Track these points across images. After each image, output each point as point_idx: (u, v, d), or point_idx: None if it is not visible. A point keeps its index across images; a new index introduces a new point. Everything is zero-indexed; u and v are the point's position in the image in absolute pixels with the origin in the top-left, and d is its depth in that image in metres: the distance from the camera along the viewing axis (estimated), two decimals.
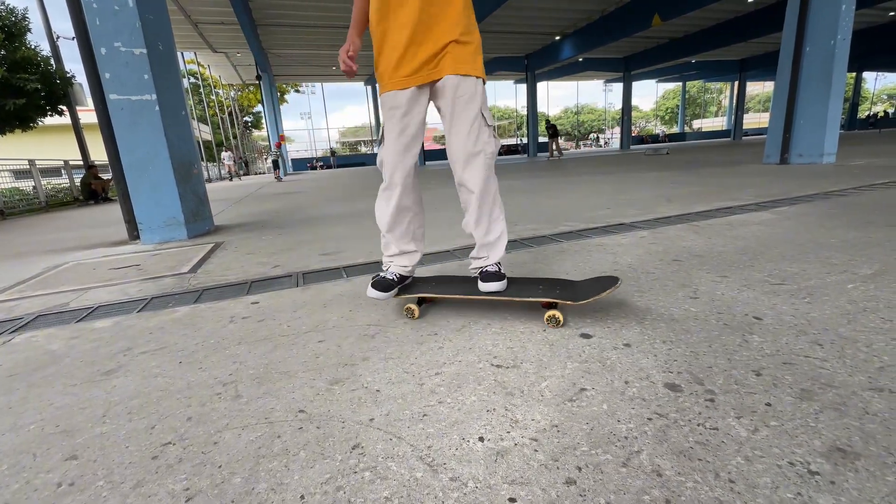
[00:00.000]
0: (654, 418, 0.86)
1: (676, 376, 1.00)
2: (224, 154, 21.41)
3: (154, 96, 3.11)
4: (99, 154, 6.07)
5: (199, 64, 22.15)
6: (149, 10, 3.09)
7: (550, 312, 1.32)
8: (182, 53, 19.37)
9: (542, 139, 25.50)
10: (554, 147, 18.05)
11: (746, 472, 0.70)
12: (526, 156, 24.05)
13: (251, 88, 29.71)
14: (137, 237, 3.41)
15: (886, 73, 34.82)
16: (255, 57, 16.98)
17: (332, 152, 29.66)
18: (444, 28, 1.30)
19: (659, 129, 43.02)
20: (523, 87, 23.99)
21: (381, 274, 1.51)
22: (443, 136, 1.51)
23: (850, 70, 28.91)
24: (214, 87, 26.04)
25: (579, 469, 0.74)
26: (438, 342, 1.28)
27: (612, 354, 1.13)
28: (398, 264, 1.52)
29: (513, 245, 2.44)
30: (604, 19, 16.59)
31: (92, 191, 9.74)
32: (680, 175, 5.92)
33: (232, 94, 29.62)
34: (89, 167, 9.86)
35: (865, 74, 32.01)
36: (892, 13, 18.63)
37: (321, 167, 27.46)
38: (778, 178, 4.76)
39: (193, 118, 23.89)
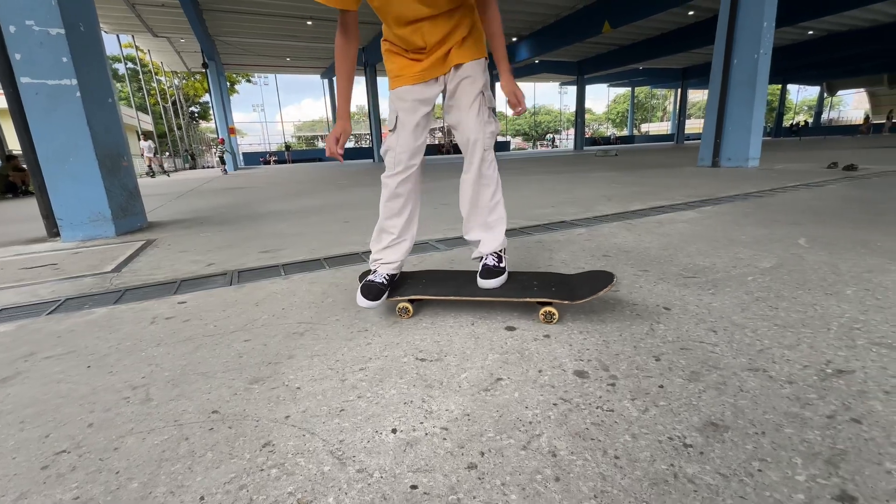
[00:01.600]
0: (559, 403, 0.91)
1: (586, 364, 1.07)
2: (143, 143, 16.33)
3: (74, 81, 2.87)
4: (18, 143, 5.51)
5: (137, 48, 20.58)
6: None
7: (545, 309, 1.31)
8: (118, 37, 17.90)
9: (500, 138, 25.87)
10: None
11: (631, 448, 0.77)
12: None
13: (198, 77, 28.02)
14: (57, 234, 3.14)
15: (807, 87, 38.51)
16: (200, 43, 16.00)
17: (287, 146, 28.62)
18: (450, 26, 1.33)
19: (611, 131, 45.05)
20: None
21: (370, 278, 1.45)
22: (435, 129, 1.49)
23: (776, 83, 31.71)
24: (156, 74, 24.31)
25: (482, 454, 0.77)
26: (368, 338, 1.28)
27: (531, 346, 1.18)
28: (386, 261, 1.46)
29: (455, 242, 2.48)
30: (558, 24, 17.12)
31: (10, 183, 8.82)
32: (624, 175, 6.24)
33: (176, 81, 27.76)
34: (8, 158, 8.92)
35: (790, 87, 35.15)
36: (810, 32, 20.58)
37: (275, 162, 26.42)
38: (708, 179, 5.14)
39: (131, 106, 22.22)
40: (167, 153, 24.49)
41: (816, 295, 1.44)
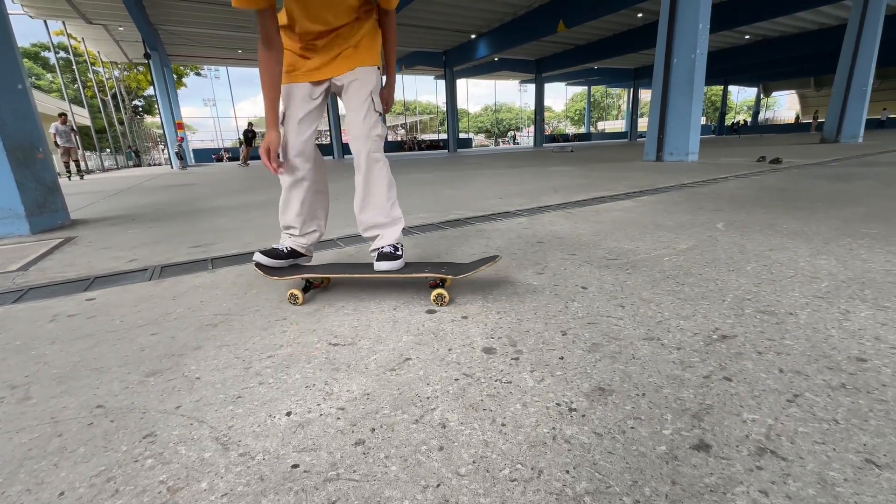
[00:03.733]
0: (460, 378, 0.92)
1: (496, 341, 1.09)
2: (54, 126, 11.21)
3: None
4: None
5: (69, 36, 19.02)
6: None
7: (437, 292, 1.34)
8: (46, 23, 16.44)
9: (464, 135, 25.97)
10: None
11: (519, 416, 0.79)
12: (447, 151, 24.43)
13: (141, 69, 26.26)
14: None
15: (746, 88, 41.34)
16: (141, 32, 14.99)
17: (241, 142, 27.41)
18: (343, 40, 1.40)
19: (569, 128, 46.40)
20: (443, 84, 24.28)
21: (274, 245, 1.54)
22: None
23: (718, 83, 33.76)
24: (93, 65, 22.54)
25: (373, 430, 0.77)
26: (283, 326, 1.25)
27: (447, 326, 1.19)
28: (292, 234, 1.52)
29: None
30: (515, 22, 17.39)
31: None
32: (575, 170, 6.44)
33: (116, 73, 25.88)
34: None
35: (731, 88, 37.55)
36: (747, 37, 22.05)
37: (229, 159, 25.23)
38: (650, 172, 5.40)
39: (64, 99, 20.50)
40: (107, 150, 22.84)
41: (721, 271, 1.54)
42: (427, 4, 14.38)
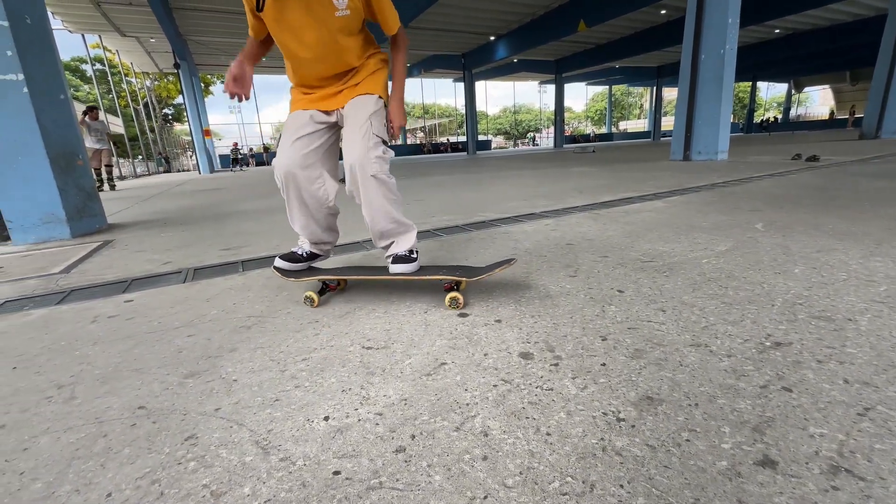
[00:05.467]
0: (499, 385, 0.90)
1: (532, 346, 1.06)
2: (90, 122, 8.39)
3: (21, 76, 2.73)
4: None
5: (105, 48, 19.91)
6: None
7: (451, 295, 1.33)
8: (84, 36, 17.27)
9: (483, 137, 25.89)
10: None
11: (564, 425, 0.75)
12: (466, 153, 24.42)
13: (170, 78, 27.28)
14: (7, 237, 2.98)
15: (776, 84, 39.84)
16: (171, 43, 15.57)
17: (265, 148, 28.09)
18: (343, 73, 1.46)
19: (590, 129, 45.74)
20: (462, 86, 24.31)
21: (293, 249, 1.59)
22: None
23: (745, 80, 32.67)
24: (126, 76, 23.56)
25: (413, 437, 0.75)
26: (316, 329, 1.25)
27: (481, 330, 1.16)
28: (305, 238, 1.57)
29: (424, 235, 2.46)
30: (535, 22, 17.26)
31: None
32: (598, 171, 6.32)
33: (148, 83, 26.95)
34: None
35: (759, 84, 36.27)
36: (777, 31, 21.27)
37: (255, 164, 25.89)
38: (678, 172, 5.24)
39: (100, 108, 21.48)
40: (139, 157, 23.78)
41: (766, 274, 1.46)
42: (445, 8, 14.43)
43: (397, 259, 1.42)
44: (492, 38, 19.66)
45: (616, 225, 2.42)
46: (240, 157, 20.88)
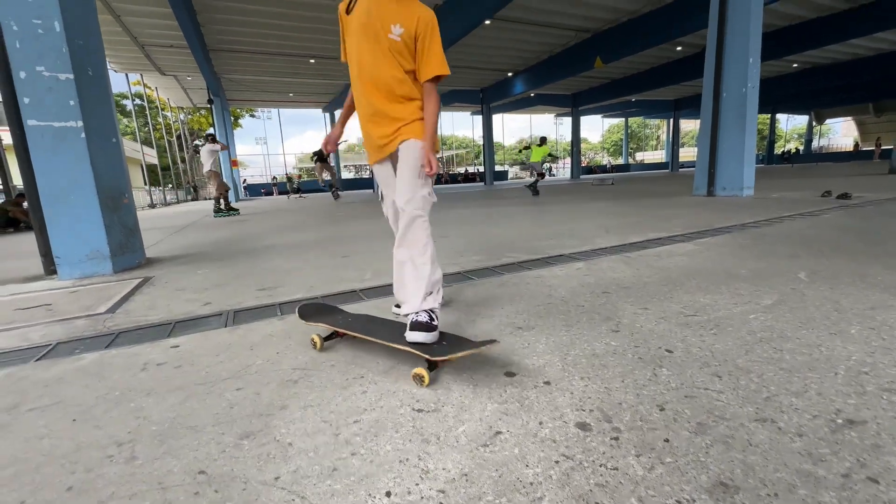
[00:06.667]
0: (561, 461, 0.87)
1: (588, 414, 1.03)
2: (205, 148, 9.13)
3: (80, 123, 2.93)
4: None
5: (145, 86, 21.24)
6: (78, 35, 2.95)
7: (416, 371, 1.23)
8: (127, 75, 18.54)
9: (499, 167, 26.17)
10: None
11: None
12: (483, 184, 24.74)
13: (203, 112, 28.80)
14: (55, 272, 3.12)
15: (795, 115, 39.63)
16: (206, 81, 16.56)
17: (289, 178, 28.98)
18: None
19: (606, 159, 45.93)
20: (480, 119, 24.91)
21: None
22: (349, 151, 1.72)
23: (765, 112, 32.63)
24: (162, 110, 25.01)
25: None
26: (363, 386, 1.25)
27: (531, 393, 1.15)
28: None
29: (455, 278, 2.47)
30: (552, 59, 17.77)
31: (11, 218, 8.88)
32: (621, 206, 6.31)
33: (182, 116, 28.52)
34: (17, 196, 9.03)
35: (779, 116, 36.11)
36: (795, 65, 21.35)
37: (278, 193, 26.68)
38: (704, 209, 5.19)
39: (136, 140, 22.71)
40: (170, 185, 24.83)
41: (821, 334, 1.41)
42: (465, 47, 15.02)
43: (417, 325, 1.34)
44: (510, 74, 20.27)
45: (650, 270, 2.39)
46: (300, 186, 22.88)
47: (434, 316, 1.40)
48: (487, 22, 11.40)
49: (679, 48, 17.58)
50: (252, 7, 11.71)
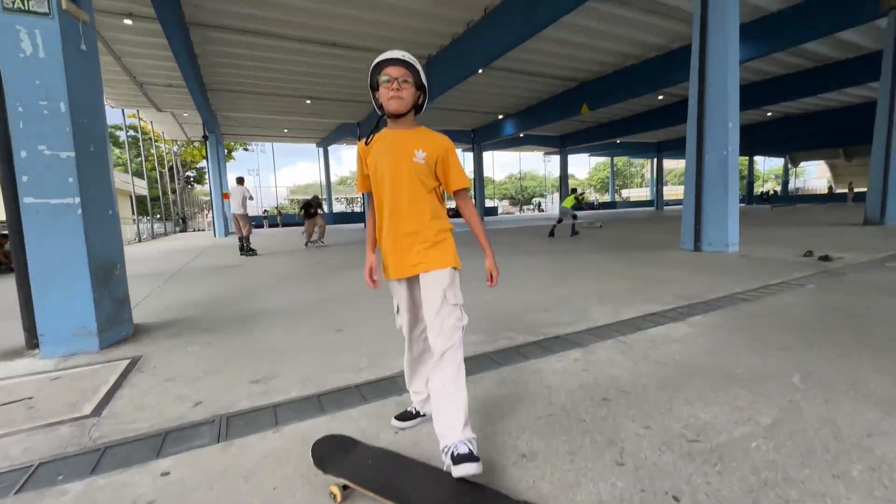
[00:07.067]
0: None
1: None
2: (242, 191, 9.65)
3: (77, 199, 2.92)
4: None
5: (139, 118, 21.43)
6: (84, 114, 2.99)
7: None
8: (122, 110, 18.71)
9: (489, 202, 26.50)
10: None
11: None
12: None
13: (196, 144, 29.05)
14: (37, 346, 3.02)
15: (771, 158, 41.54)
16: (203, 118, 16.80)
17: (279, 212, 28.99)
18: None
19: (594, 196, 47.17)
20: (471, 155, 25.55)
21: (408, 408, 1.87)
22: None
23: (743, 155, 34.16)
24: (156, 141, 25.15)
25: None
26: None
27: None
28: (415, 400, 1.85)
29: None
30: (541, 104, 18.53)
31: None
32: (611, 260, 6.42)
33: (175, 148, 28.67)
34: (0, 237, 8.87)
35: (756, 157, 37.83)
36: (769, 113, 22.58)
37: (269, 225, 26.62)
38: (693, 271, 5.30)
39: (127, 172, 22.67)
40: (158, 215, 24.63)
41: (823, 476, 1.42)
42: (459, 91, 15.56)
43: (461, 458, 1.32)
44: (500, 116, 21.00)
45: (647, 365, 2.41)
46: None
47: (473, 441, 1.42)
48: (480, 70, 11.90)
49: (661, 97, 18.48)
50: (252, 52, 12.05)
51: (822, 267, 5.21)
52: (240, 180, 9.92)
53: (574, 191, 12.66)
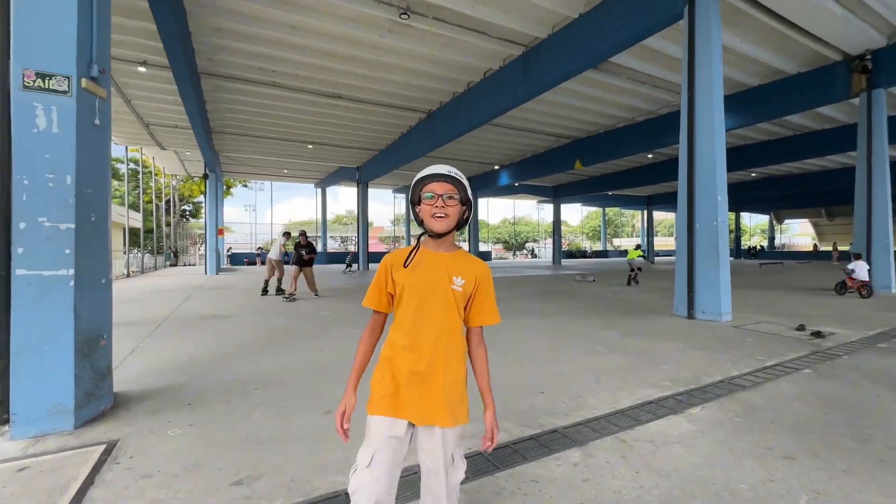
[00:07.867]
0: None
1: None
2: (279, 241, 10.93)
3: (71, 271, 2.87)
4: None
5: (142, 153, 21.73)
6: (89, 185, 3.01)
7: None
8: (126, 147, 19.01)
9: (483, 246, 26.70)
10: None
11: None
12: None
13: (196, 179, 29.36)
14: (7, 421, 2.85)
15: (757, 214, 43.01)
16: (204, 157, 17.09)
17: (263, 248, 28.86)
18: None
19: (586, 244, 47.93)
20: None
21: None
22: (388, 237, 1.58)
23: (730, 211, 35.32)
24: (156, 175, 25.39)
25: None
26: None
27: None
28: None
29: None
30: (536, 157, 19.20)
31: None
32: (606, 328, 6.40)
33: (173, 183, 28.93)
34: None
35: (742, 213, 39.11)
36: (753, 174, 23.57)
37: (261, 262, 26.43)
38: (689, 345, 5.28)
39: (124, 205, 22.68)
40: (149, 248, 24.39)
41: None
42: (457, 143, 16.13)
43: None
44: (496, 167, 21.66)
45: (649, 476, 2.32)
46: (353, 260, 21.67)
47: None
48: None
49: (650, 155, 19.25)
50: (259, 100, 12.46)
51: (815, 346, 5.23)
52: (286, 234, 11.52)
53: (639, 246, 14.68)
